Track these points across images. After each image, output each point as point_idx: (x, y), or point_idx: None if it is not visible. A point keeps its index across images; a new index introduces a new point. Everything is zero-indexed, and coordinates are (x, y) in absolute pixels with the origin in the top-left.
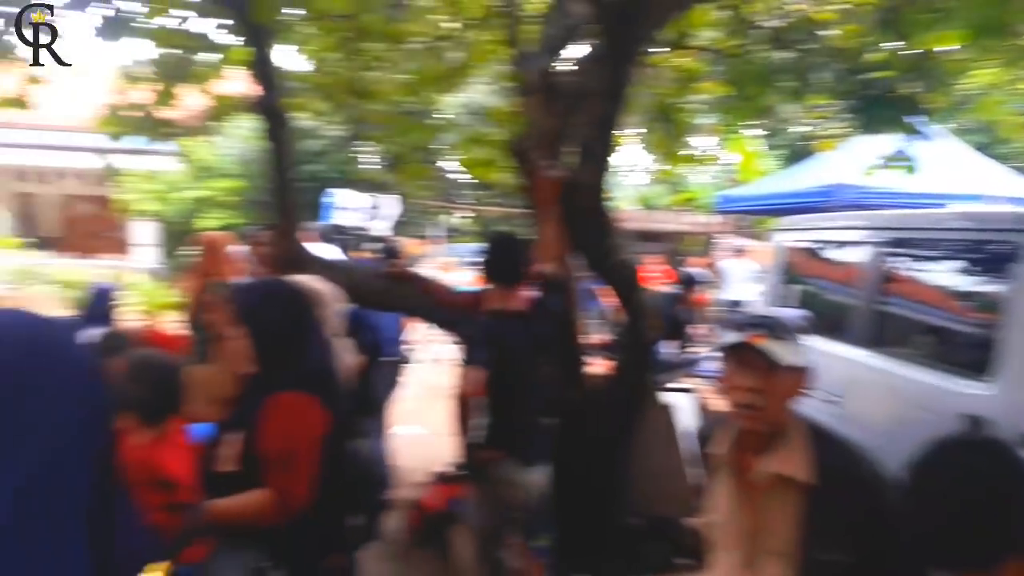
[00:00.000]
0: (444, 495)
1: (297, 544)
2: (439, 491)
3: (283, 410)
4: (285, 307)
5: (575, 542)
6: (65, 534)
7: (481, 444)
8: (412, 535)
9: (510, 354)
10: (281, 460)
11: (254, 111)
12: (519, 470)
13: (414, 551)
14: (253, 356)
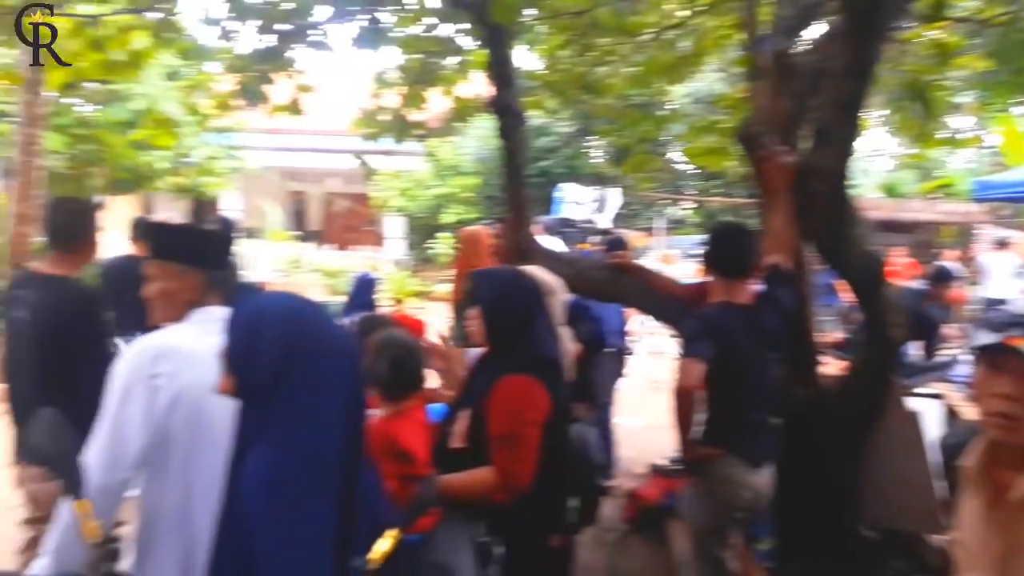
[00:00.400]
0: (661, 488)
1: (519, 522)
2: (656, 483)
3: (511, 392)
4: (520, 295)
5: (799, 549)
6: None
7: (701, 440)
8: (628, 525)
9: (734, 349)
10: (506, 440)
11: (491, 110)
12: (742, 469)
13: (629, 541)
14: (486, 339)
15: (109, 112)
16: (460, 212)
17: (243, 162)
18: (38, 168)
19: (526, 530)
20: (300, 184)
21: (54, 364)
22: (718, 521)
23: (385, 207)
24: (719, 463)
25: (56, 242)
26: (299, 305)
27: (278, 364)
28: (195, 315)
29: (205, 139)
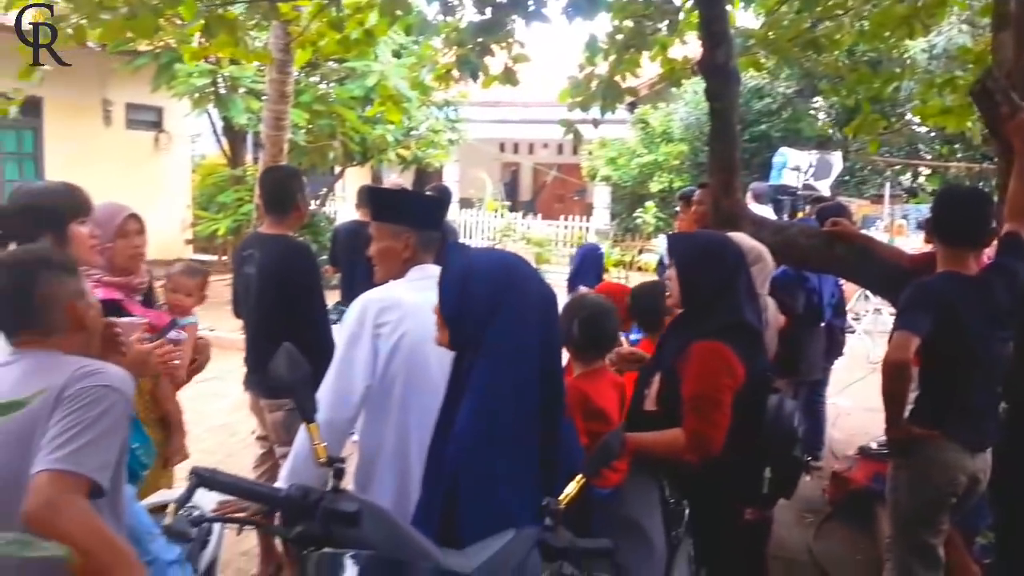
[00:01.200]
0: (869, 471)
1: (709, 487)
2: (864, 467)
3: (705, 357)
4: (721, 261)
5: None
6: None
7: (913, 419)
8: (831, 506)
9: (958, 324)
10: (698, 404)
11: (702, 70)
12: (958, 453)
13: (832, 523)
14: (682, 301)
15: (345, 89)
16: (668, 180)
17: (464, 134)
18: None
19: (716, 495)
20: (513, 155)
21: (275, 312)
22: (928, 507)
23: (593, 177)
24: (934, 445)
25: (270, 207)
26: (505, 261)
27: (486, 316)
28: (412, 272)
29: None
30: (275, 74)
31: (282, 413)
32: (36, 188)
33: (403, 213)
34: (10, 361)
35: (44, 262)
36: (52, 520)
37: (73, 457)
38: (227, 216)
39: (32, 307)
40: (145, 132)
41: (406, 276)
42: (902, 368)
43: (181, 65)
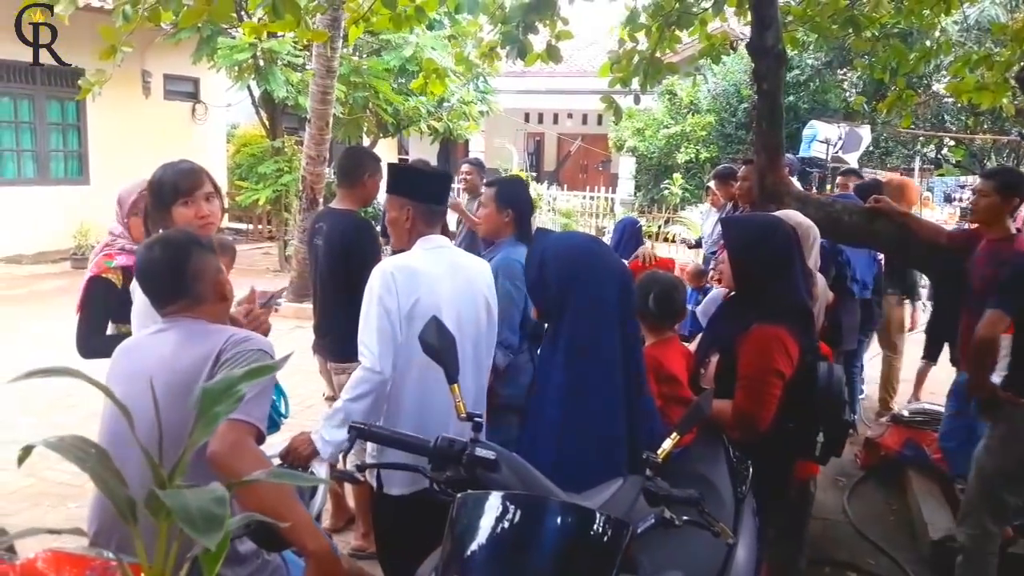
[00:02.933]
0: (900, 437)
1: (769, 448)
2: (896, 433)
3: (763, 341)
4: (776, 241)
5: None
6: (606, 395)
7: (1004, 385)
8: (864, 471)
9: None
10: (750, 383)
11: (750, 51)
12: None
13: (864, 487)
14: (735, 283)
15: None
16: (695, 152)
17: (494, 105)
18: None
19: (776, 456)
20: (537, 125)
21: (341, 281)
22: (1014, 466)
23: (619, 148)
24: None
25: (341, 182)
26: (579, 240)
27: (562, 290)
28: (420, 242)
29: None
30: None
31: (347, 375)
32: (160, 168)
33: (405, 187)
34: (164, 328)
35: (194, 241)
36: (235, 459)
37: (245, 408)
38: (267, 186)
39: (186, 280)
40: (182, 103)
41: (415, 245)
42: (992, 342)
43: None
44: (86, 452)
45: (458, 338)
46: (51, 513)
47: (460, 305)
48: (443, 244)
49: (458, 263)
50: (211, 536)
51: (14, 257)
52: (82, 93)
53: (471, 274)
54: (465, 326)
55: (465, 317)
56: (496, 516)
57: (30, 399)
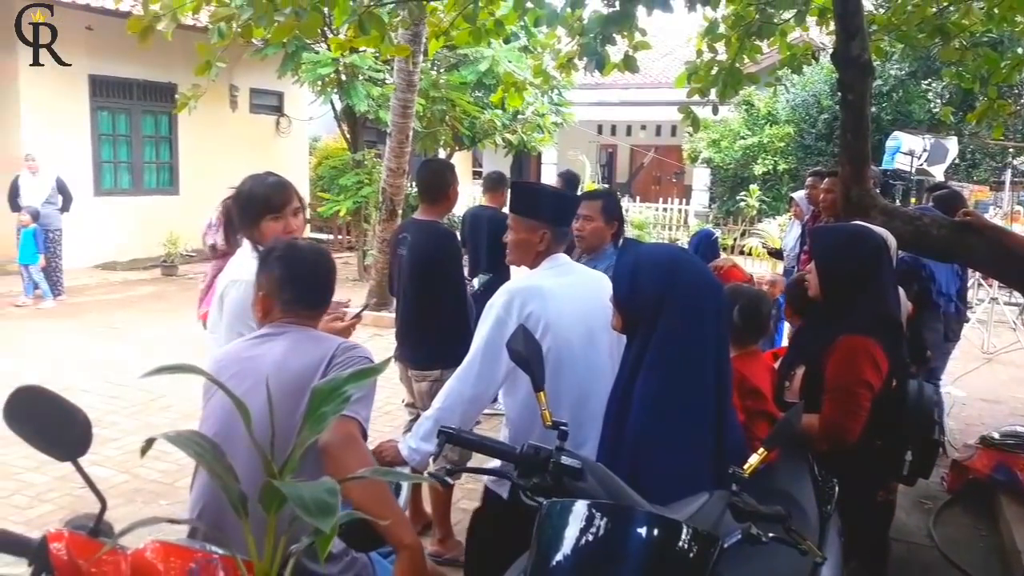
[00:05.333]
0: (991, 460)
1: (855, 467)
2: (985, 455)
3: (852, 352)
4: (865, 251)
5: None
6: (696, 410)
7: None
8: (950, 494)
9: None
10: (838, 395)
11: (836, 62)
12: None
13: (951, 511)
14: (822, 293)
15: (458, 75)
16: (772, 163)
17: (568, 117)
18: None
19: (862, 475)
20: (610, 137)
21: (423, 290)
22: None
23: (694, 159)
24: None
25: (424, 194)
26: (671, 253)
27: (654, 304)
28: (546, 262)
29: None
30: (403, 64)
31: (427, 383)
32: (249, 180)
33: (541, 210)
34: (275, 333)
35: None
36: (344, 451)
37: (354, 407)
38: (348, 198)
39: (331, 291)
40: (267, 116)
41: (540, 265)
42: None
43: (306, 53)
44: (202, 447)
45: (591, 352)
46: (144, 509)
47: (589, 318)
48: (565, 261)
49: (582, 278)
50: (325, 520)
51: (109, 264)
52: (179, 107)
53: (595, 287)
54: (597, 337)
55: (596, 329)
56: (582, 524)
57: (125, 399)
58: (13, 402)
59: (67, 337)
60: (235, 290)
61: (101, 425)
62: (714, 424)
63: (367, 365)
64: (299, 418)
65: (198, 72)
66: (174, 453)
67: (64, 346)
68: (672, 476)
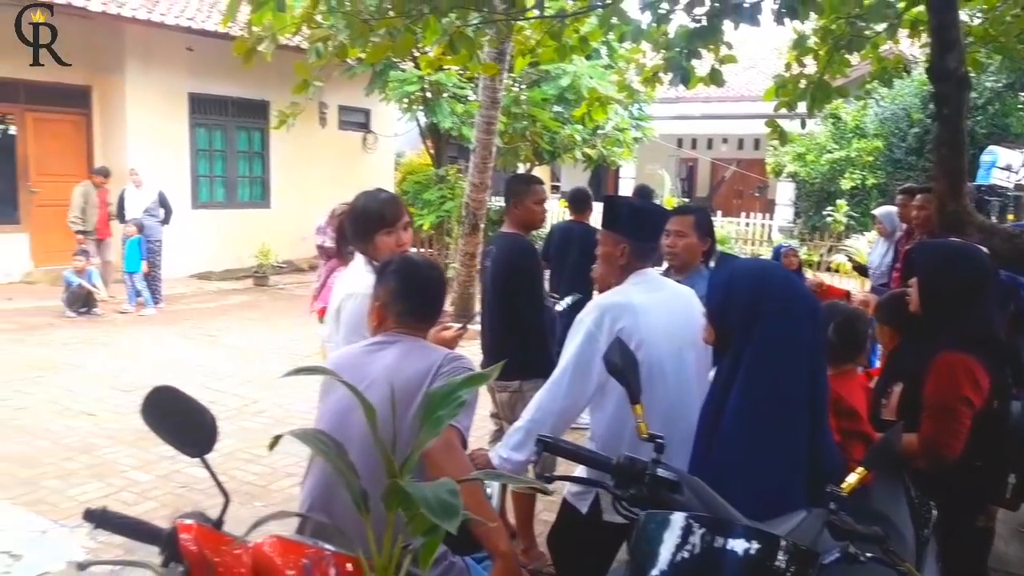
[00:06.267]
0: None
1: (954, 489)
2: None
3: (951, 369)
4: (969, 267)
5: None
6: (788, 426)
7: None
8: None
9: None
10: (938, 412)
11: (931, 75)
12: None
13: None
14: (922, 310)
15: (539, 91)
16: (861, 178)
17: (649, 131)
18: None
19: (961, 498)
20: (691, 151)
21: (501, 302)
22: None
23: (778, 173)
24: None
25: (507, 207)
26: (766, 269)
27: (748, 317)
28: (633, 277)
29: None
30: (488, 81)
31: (507, 394)
32: (363, 196)
33: (620, 222)
34: (387, 342)
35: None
36: (445, 458)
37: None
38: (431, 212)
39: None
40: (354, 132)
41: (628, 280)
42: None
43: (393, 72)
44: (326, 444)
45: (680, 367)
46: (241, 510)
47: (679, 334)
48: (655, 277)
49: (672, 293)
50: (450, 521)
51: (204, 273)
52: (277, 123)
53: (685, 303)
54: (686, 354)
55: (685, 345)
56: (680, 536)
57: (221, 404)
58: (150, 400)
59: (166, 342)
60: (351, 303)
61: None
62: (807, 440)
63: (477, 372)
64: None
65: (296, 91)
66: (267, 457)
67: (164, 351)
68: (763, 491)
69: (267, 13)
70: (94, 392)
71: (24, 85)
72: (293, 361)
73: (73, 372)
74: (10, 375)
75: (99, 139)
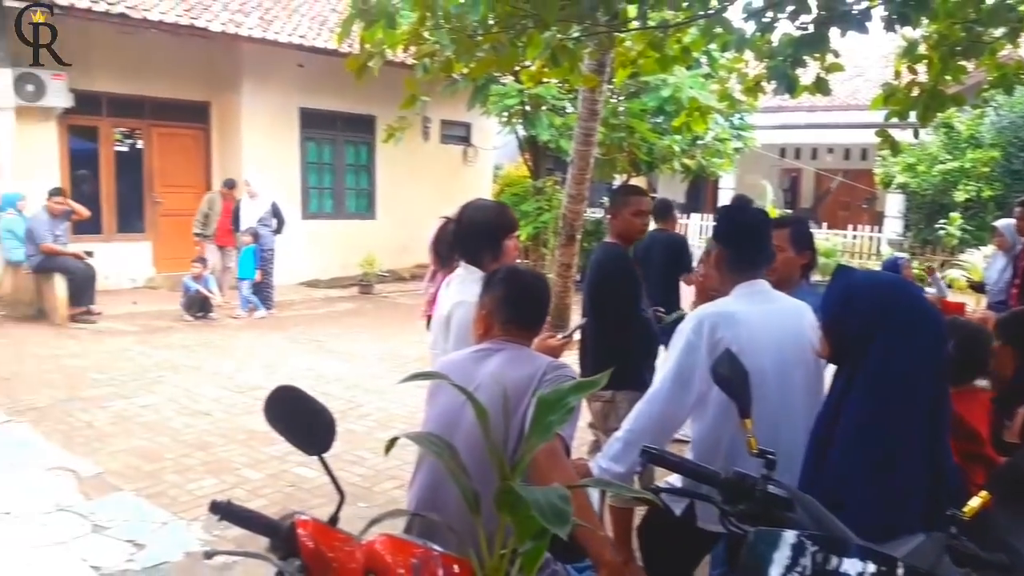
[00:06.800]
0: None
1: None
2: None
3: None
4: None
5: None
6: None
7: None
8: None
9: None
10: None
11: None
12: None
13: None
14: None
15: (639, 102)
16: (976, 189)
17: (750, 142)
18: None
19: None
20: (794, 161)
21: (593, 310)
22: None
23: (887, 184)
24: None
25: (608, 217)
26: (888, 282)
27: (865, 331)
28: (739, 288)
29: (715, 120)
30: (587, 93)
31: (599, 403)
32: (481, 207)
33: (717, 230)
34: (493, 349)
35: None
36: (552, 465)
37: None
38: (528, 223)
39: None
40: (455, 146)
41: (733, 291)
42: None
43: (495, 86)
44: (439, 446)
45: (785, 383)
46: (346, 510)
47: (786, 349)
48: (764, 288)
49: (780, 306)
50: (561, 527)
51: (312, 281)
52: (386, 137)
53: (794, 316)
54: (792, 368)
55: (793, 361)
56: (791, 555)
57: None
58: (273, 399)
59: (276, 346)
60: (461, 310)
61: None
62: (926, 460)
63: (583, 379)
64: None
65: (404, 106)
66: (371, 459)
67: (274, 354)
68: (878, 512)
69: (378, 30)
70: (210, 392)
71: (150, 102)
72: (396, 366)
73: (191, 373)
74: (136, 375)
75: (217, 152)
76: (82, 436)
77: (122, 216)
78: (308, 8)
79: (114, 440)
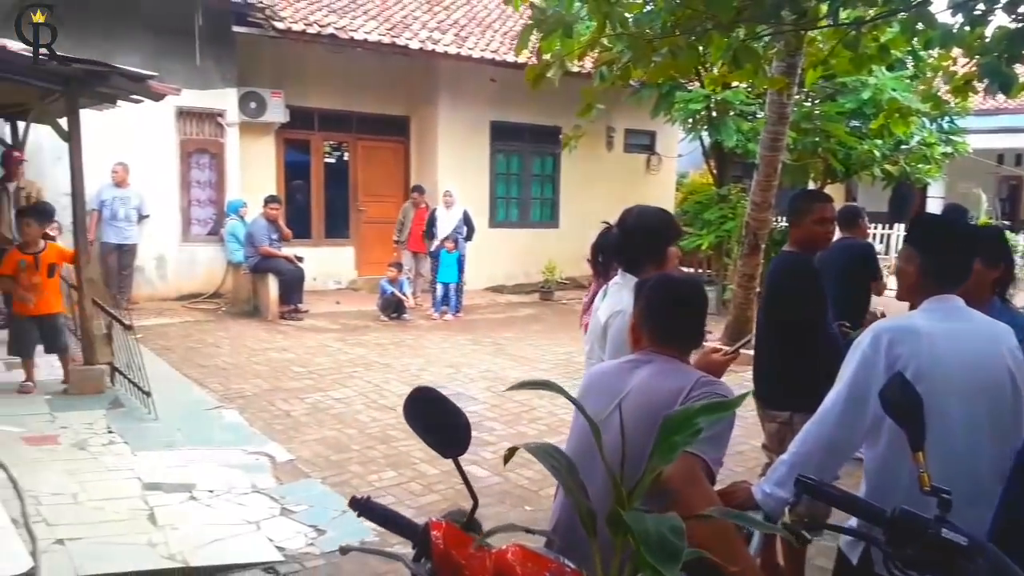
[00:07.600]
0: None
1: None
2: None
3: None
4: None
5: None
6: None
7: None
8: None
9: None
10: None
11: None
12: None
13: None
14: None
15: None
16: None
17: (963, 146)
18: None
19: None
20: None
21: (771, 324)
22: None
23: None
24: None
25: (790, 226)
26: None
27: None
28: (928, 302)
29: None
30: (775, 96)
31: (775, 424)
32: (646, 212)
33: (913, 236)
34: (642, 360)
35: None
36: (685, 486)
37: (701, 445)
38: (711, 232)
39: (703, 323)
40: (638, 154)
41: (922, 305)
42: None
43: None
44: (558, 461)
45: (974, 411)
46: (511, 512)
47: (978, 373)
48: (957, 306)
49: (975, 325)
50: (669, 566)
51: (497, 287)
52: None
53: (991, 338)
54: (980, 396)
55: (986, 387)
56: None
57: (503, 408)
58: (412, 399)
59: (460, 348)
60: (619, 319)
61: (481, 429)
62: None
63: (721, 399)
64: None
65: (580, 114)
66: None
67: (457, 355)
68: None
69: (556, 40)
70: (397, 388)
71: (356, 116)
72: (570, 372)
73: (382, 370)
74: (333, 370)
75: (415, 164)
76: (280, 424)
77: (329, 223)
78: (500, 24)
79: (307, 429)
